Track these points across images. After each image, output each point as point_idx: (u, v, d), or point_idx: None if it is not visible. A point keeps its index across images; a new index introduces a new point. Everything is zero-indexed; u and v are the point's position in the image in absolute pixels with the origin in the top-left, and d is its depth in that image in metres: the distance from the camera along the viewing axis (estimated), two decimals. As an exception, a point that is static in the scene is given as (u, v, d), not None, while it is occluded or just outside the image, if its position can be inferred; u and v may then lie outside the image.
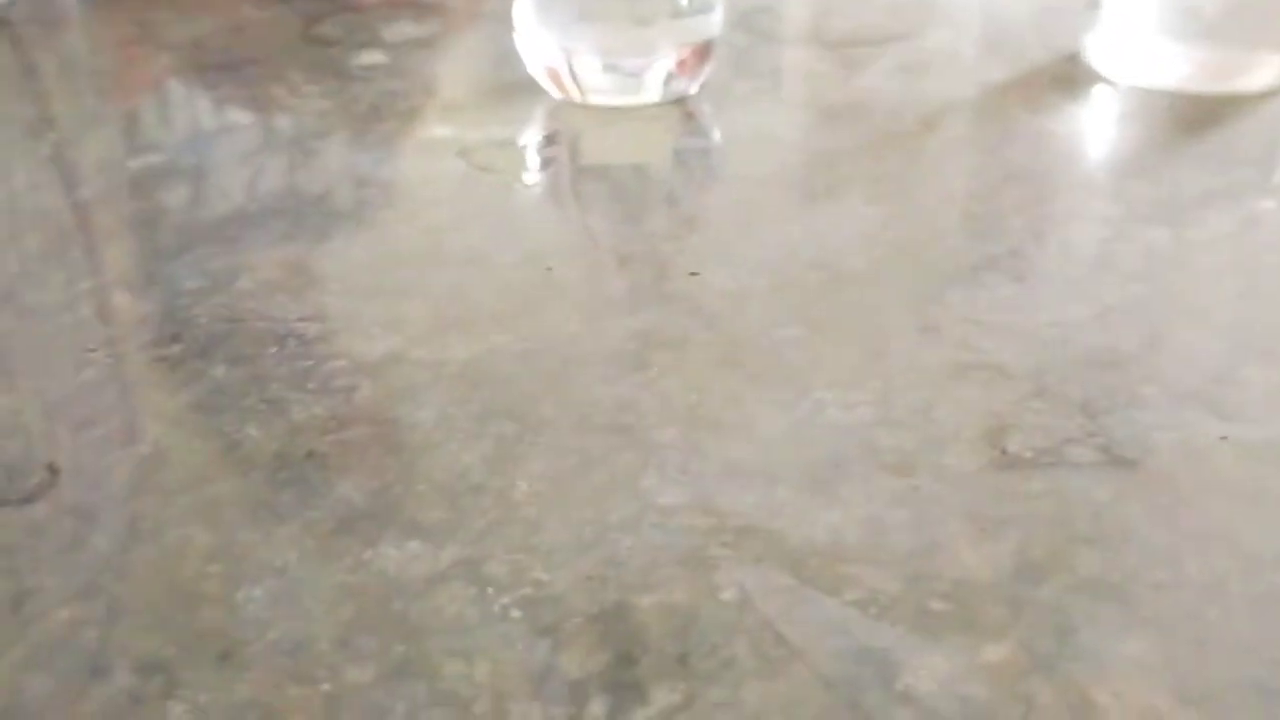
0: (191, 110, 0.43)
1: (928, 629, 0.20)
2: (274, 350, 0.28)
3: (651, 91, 0.41)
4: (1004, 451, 0.24)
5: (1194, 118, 0.40)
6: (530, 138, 0.40)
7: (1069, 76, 0.44)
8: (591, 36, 0.39)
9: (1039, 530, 0.22)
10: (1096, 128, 0.42)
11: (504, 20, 0.43)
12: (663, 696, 0.19)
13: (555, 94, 0.42)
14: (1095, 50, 0.45)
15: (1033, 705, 0.19)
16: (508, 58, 0.43)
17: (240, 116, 0.42)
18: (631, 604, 0.21)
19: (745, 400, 0.26)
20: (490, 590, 0.21)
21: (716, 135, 0.41)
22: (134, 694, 0.19)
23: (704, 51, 0.41)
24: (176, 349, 0.28)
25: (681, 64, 0.41)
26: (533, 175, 0.37)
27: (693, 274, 0.31)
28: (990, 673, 0.19)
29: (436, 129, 0.41)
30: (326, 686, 0.19)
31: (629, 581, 0.21)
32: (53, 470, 0.24)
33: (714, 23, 0.41)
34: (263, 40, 0.49)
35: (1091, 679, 0.19)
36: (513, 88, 0.43)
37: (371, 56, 0.47)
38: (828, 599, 0.21)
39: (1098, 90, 0.43)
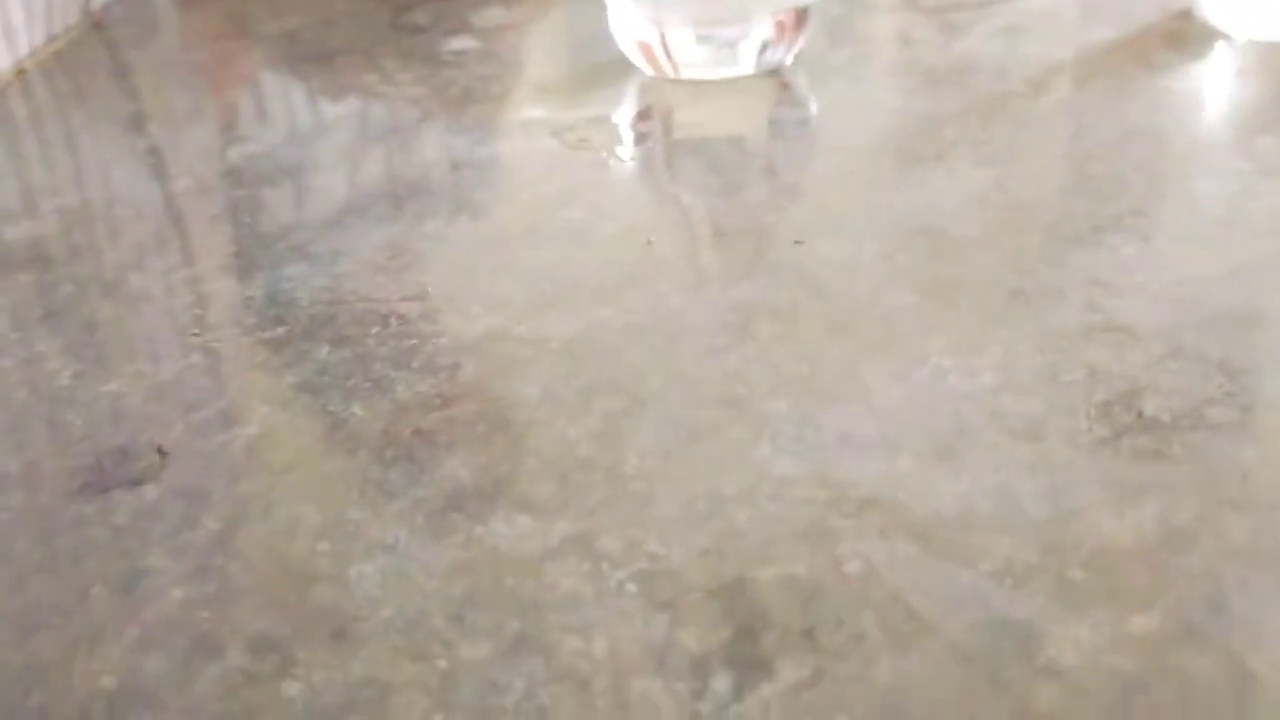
0: (287, 101, 0.44)
1: (1069, 599, 0.19)
2: (377, 330, 0.27)
3: (746, 63, 0.40)
4: (1140, 415, 0.23)
5: (1322, 68, 0.38)
6: (624, 114, 0.39)
7: (1182, 33, 0.42)
8: (685, 8, 0.39)
9: (1182, 496, 0.21)
10: (1216, 83, 0.40)
11: (592, 1, 0.42)
12: (790, 672, 0.18)
13: (648, 70, 0.41)
14: (1209, 5, 0.42)
15: (1187, 678, 0.17)
16: (598, 38, 0.43)
17: (335, 106, 0.42)
18: (751, 578, 0.20)
19: (859, 369, 0.25)
20: (604, 565, 0.20)
21: (814, 105, 0.39)
22: (248, 673, 0.19)
23: (799, 20, 0.40)
24: (280, 331, 0.28)
25: (777, 32, 0.40)
26: (628, 151, 0.37)
27: (797, 243, 0.30)
28: (1139, 644, 0.18)
29: (530, 110, 0.40)
30: (442, 663, 0.19)
31: (748, 555, 0.20)
32: (161, 453, 0.24)
33: (809, -10, 0.40)
34: (354, 31, 0.49)
35: (1249, 649, 0.18)
36: (605, 67, 0.42)
37: (462, 42, 0.46)
38: (960, 570, 0.20)
39: (1214, 46, 0.41)
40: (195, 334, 0.28)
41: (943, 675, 0.18)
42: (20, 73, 0.46)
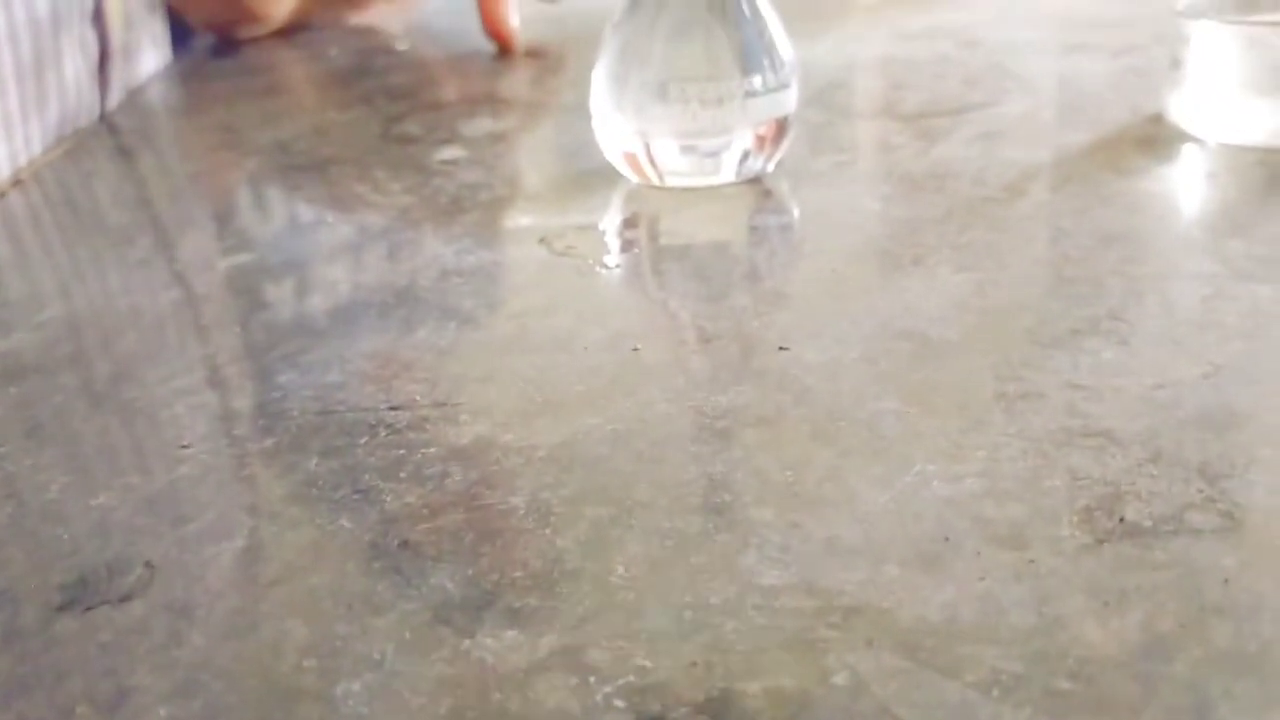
0: (279, 210, 0.44)
1: (1056, 711, 0.19)
2: (365, 440, 0.28)
3: (728, 171, 0.41)
4: (1122, 520, 0.23)
5: (1290, 172, 0.39)
6: (610, 221, 0.40)
7: (1154, 137, 0.44)
8: (668, 119, 0.40)
9: (1166, 602, 0.21)
10: (1187, 187, 0.41)
11: (577, 111, 0.43)
12: (778, 788, 0.18)
13: (633, 178, 0.42)
14: (1180, 110, 0.44)
15: (1176, 791, 0.17)
16: (584, 147, 0.44)
17: (326, 214, 0.43)
18: (739, 690, 0.20)
19: (844, 475, 0.25)
20: (592, 679, 0.20)
21: (796, 211, 0.40)
22: (233, 794, 0.19)
23: (780, 129, 0.41)
24: (270, 442, 0.28)
25: (759, 142, 0.41)
26: (614, 258, 0.37)
27: (781, 349, 0.30)
28: (1127, 756, 0.18)
29: (517, 218, 0.41)
30: (428, 783, 0.19)
31: (735, 667, 0.20)
32: (149, 567, 0.24)
33: (789, 100, 0.41)
34: (345, 140, 0.50)
35: (1238, 761, 0.18)
36: (590, 175, 0.43)
37: (451, 152, 0.47)
38: (947, 681, 0.20)
39: (1185, 149, 0.42)
40: (184, 446, 0.28)
41: (932, 790, 0.18)
42: (18, 183, 0.46)
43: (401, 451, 0.27)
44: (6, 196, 0.46)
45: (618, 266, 0.37)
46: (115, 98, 0.56)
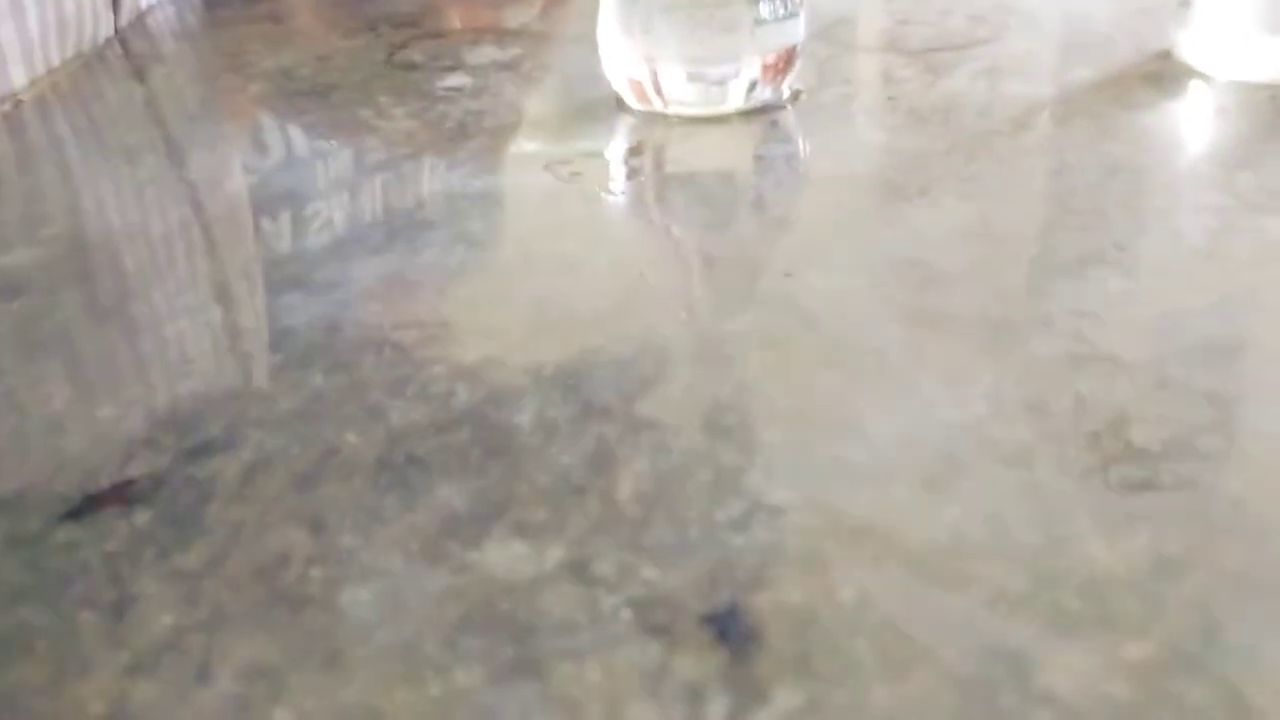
0: (283, 134, 0.44)
1: (1063, 627, 0.19)
2: (371, 358, 0.27)
3: (735, 100, 0.40)
4: (1129, 444, 0.23)
5: (1301, 108, 0.39)
6: (615, 149, 0.40)
7: (1161, 74, 0.43)
8: (675, 45, 0.39)
9: (1174, 524, 0.21)
10: (1195, 122, 0.40)
11: (583, 43, 0.43)
12: (784, 698, 0.18)
13: (639, 107, 0.41)
14: (1188, 47, 0.43)
15: (1183, 706, 0.18)
16: (590, 77, 0.43)
17: (330, 139, 0.42)
18: (746, 604, 0.20)
19: (850, 399, 0.25)
20: (599, 591, 0.20)
21: (802, 141, 0.40)
22: (239, 699, 0.19)
23: (788, 59, 0.41)
24: (277, 358, 0.28)
25: (766, 71, 0.40)
26: (619, 185, 0.37)
27: (787, 275, 0.30)
28: (1134, 672, 0.18)
29: (523, 145, 0.41)
30: (435, 690, 0.19)
31: (741, 581, 0.20)
32: (154, 478, 0.24)
33: (798, 30, 0.41)
34: (349, 67, 0.49)
35: (1245, 678, 0.18)
36: (596, 104, 0.43)
37: (456, 79, 0.47)
38: (953, 597, 0.20)
39: (1193, 86, 0.42)
40: (189, 361, 0.28)
41: (937, 701, 0.18)
42: (18, 103, 0.46)
43: (408, 369, 0.27)
44: (23, 107, 0.45)
45: (623, 193, 0.37)
46: (125, 18, 0.55)
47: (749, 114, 0.41)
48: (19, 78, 0.47)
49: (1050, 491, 0.22)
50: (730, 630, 0.19)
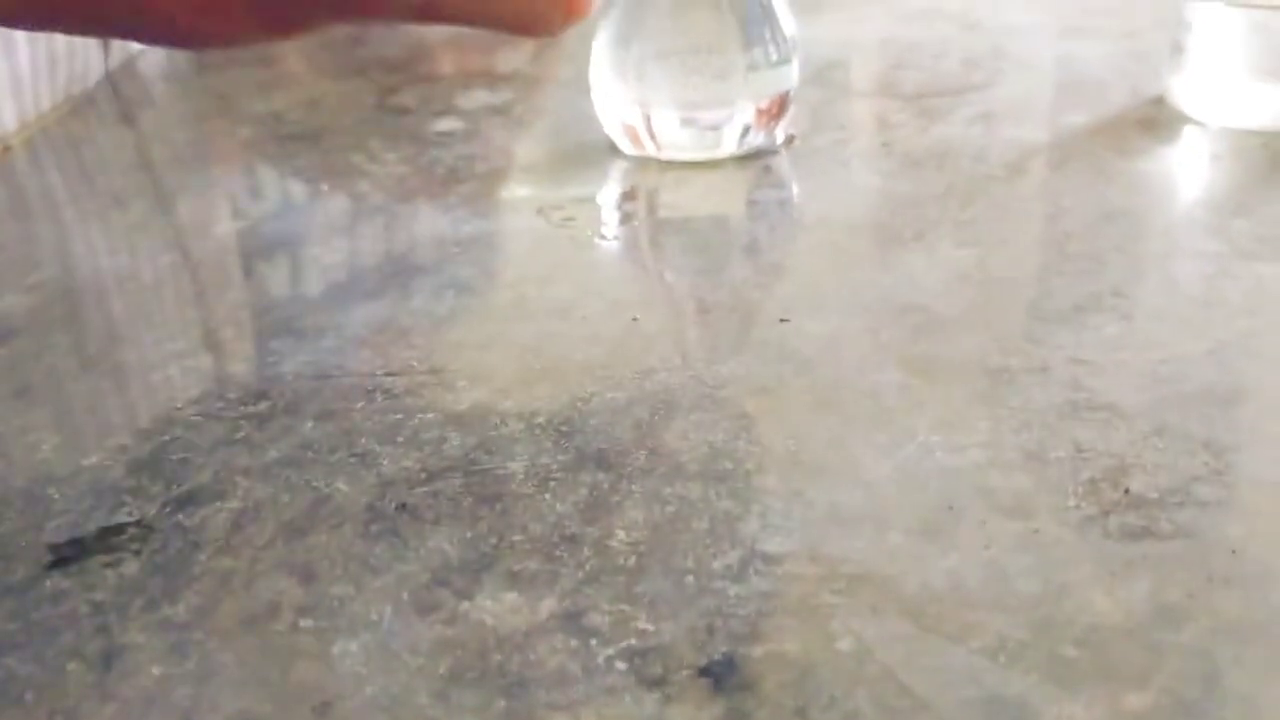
0: (273, 178, 0.44)
1: (1063, 677, 0.19)
2: (362, 405, 0.27)
3: (729, 145, 0.41)
4: (1127, 492, 0.23)
5: (1292, 154, 0.39)
6: (608, 194, 0.40)
7: (1155, 120, 0.43)
8: (669, 91, 0.39)
9: (1173, 572, 0.21)
10: (1190, 168, 0.41)
11: (576, 86, 0.43)
12: (782, 751, 0.18)
13: (632, 151, 0.41)
14: (1181, 93, 0.43)
15: (1185, 757, 0.17)
16: (582, 121, 0.43)
17: (321, 183, 0.42)
18: (742, 655, 0.20)
19: (847, 445, 0.25)
20: (593, 642, 0.20)
21: (796, 186, 0.40)
22: (228, 754, 0.18)
23: (781, 104, 0.41)
24: (264, 405, 0.27)
25: (759, 116, 0.40)
26: (612, 230, 0.37)
27: (782, 320, 0.30)
28: (1135, 723, 0.18)
29: (515, 189, 0.41)
30: (426, 744, 0.18)
31: (738, 632, 0.20)
32: (143, 526, 0.23)
33: (791, 75, 0.41)
34: (340, 111, 0.49)
35: (1246, 729, 0.18)
36: (589, 148, 0.43)
37: (447, 123, 0.47)
38: (952, 647, 0.19)
39: (1187, 132, 0.42)
40: (179, 408, 0.28)
41: (937, 754, 0.18)
42: (7, 148, 0.46)
43: (399, 416, 0.27)
44: (12, 151, 0.45)
45: (616, 238, 0.37)
46: (115, 61, 0.55)
47: (743, 159, 0.41)
48: (9, 116, 0.47)
49: (1049, 539, 0.22)
50: (726, 682, 0.19)
